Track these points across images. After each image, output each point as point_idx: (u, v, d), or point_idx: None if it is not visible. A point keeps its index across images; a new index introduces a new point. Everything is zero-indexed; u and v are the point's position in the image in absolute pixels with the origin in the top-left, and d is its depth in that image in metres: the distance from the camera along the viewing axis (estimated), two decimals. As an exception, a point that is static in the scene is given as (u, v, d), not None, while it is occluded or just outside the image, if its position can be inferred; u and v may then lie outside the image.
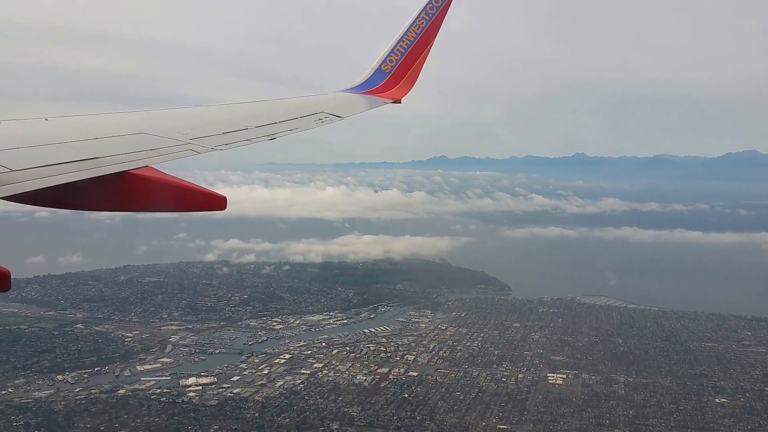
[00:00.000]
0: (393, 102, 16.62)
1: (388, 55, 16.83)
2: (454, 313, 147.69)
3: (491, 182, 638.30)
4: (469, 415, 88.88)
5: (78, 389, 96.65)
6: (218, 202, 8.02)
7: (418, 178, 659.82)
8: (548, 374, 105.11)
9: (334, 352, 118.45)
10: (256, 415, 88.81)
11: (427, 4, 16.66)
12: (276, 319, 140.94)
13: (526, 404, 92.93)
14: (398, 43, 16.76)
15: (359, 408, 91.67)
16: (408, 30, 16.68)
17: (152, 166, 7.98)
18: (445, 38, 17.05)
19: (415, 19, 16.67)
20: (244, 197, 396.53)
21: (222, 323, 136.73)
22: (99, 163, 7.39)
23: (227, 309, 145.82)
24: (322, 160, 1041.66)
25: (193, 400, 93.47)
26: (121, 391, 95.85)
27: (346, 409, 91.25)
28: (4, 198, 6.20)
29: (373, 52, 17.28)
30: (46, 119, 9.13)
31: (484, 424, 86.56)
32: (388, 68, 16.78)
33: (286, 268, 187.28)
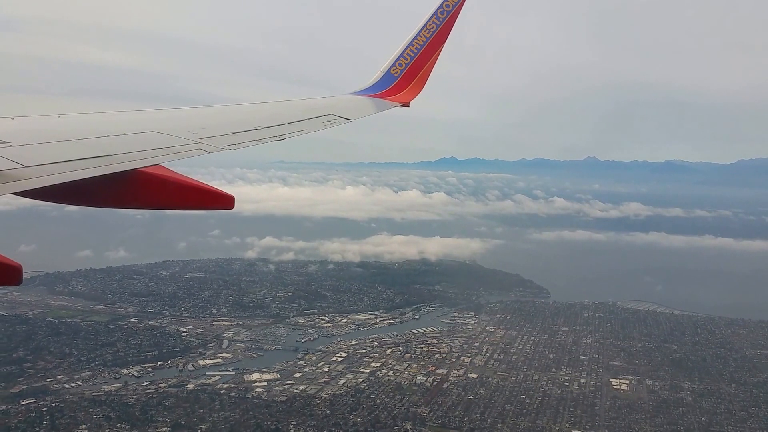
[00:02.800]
0: (401, 105, 16.68)
1: (398, 59, 16.88)
2: (498, 316, 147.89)
3: (506, 184, 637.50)
4: (541, 419, 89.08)
5: (145, 383, 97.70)
6: (226, 201, 8.04)
7: (432, 179, 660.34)
8: (610, 379, 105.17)
9: (388, 351, 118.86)
10: (328, 412, 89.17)
11: (437, 9, 16.68)
12: (323, 317, 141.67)
13: (595, 409, 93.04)
14: (408, 47, 16.82)
15: (427, 408, 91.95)
16: (418, 34, 16.74)
17: (162, 164, 8.06)
18: (456, 39, 17.18)
19: (425, 24, 16.71)
20: (266, 195, 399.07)
21: (271, 320, 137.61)
22: (110, 160, 7.47)
23: (273, 306, 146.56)
24: (332, 159, 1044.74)
25: (262, 396, 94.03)
26: (190, 386, 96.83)
27: (414, 409, 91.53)
28: (17, 193, 6.24)
29: (387, 53, 17.35)
30: (59, 116, 9.21)
31: (557, 429, 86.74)
32: (397, 72, 16.85)
33: (331, 266, 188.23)
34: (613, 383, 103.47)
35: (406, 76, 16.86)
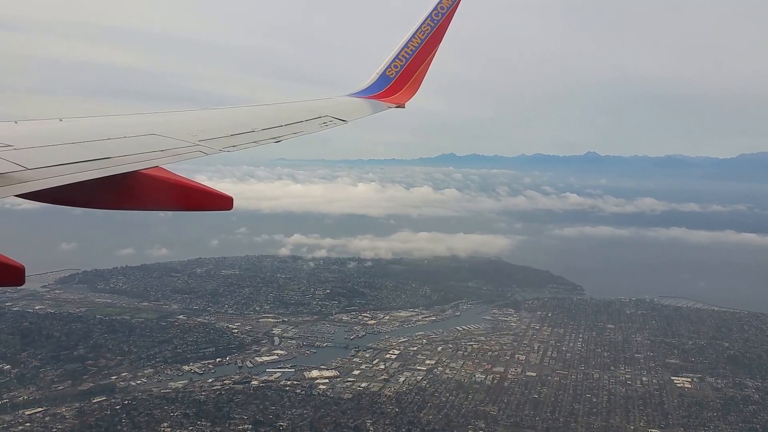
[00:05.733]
0: (396, 107, 16.88)
1: (393, 61, 17.01)
2: (538, 313, 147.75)
3: (512, 180, 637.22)
4: (613, 418, 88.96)
5: (210, 380, 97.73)
6: (225, 202, 8.26)
7: (437, 176, 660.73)
8: (672, 377, 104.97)
9: (439, 349, 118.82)
10: (397, 410, 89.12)
11: (432, 11, 16.76)
12: (365, 314, 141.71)
13: (665, 408, 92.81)
14: (403, 48, 16.92)
15: (495, 407, 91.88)
16: (413, 36, 16.82)
17: (162, 166, 8.21)
18: (452, 35, 17.17)
19: (421, 25, 16.79)
20: (280, 193, 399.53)
21: (314, 317, 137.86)
22: (111, 162, 7.60)
23: (314, 303, 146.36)
24: (331, 156, 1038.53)
25: (328, 393, 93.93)
26: (254, 383, 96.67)
27: (482, 408, 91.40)
28: (20, 195, 6.35)
29: (388, 53, 17.36)
30: (61, 120, 9.34)
31: (632, 428, 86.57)
32: (392, 73, 16.98)
33: (369, 264, 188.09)
34: (675, 381, 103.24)
35: (402, 78, 17.02)
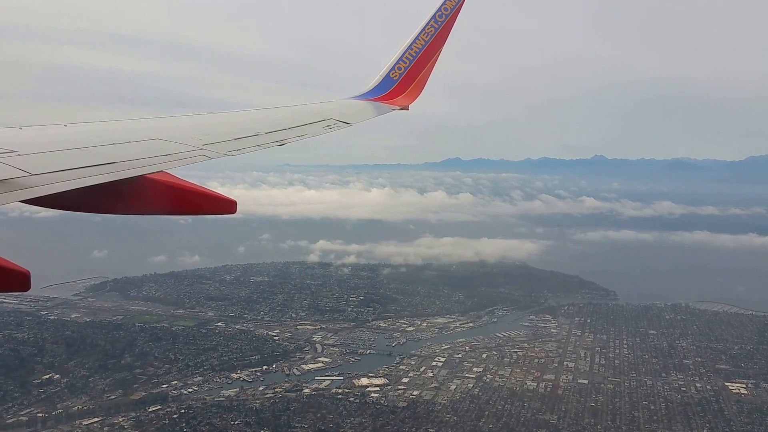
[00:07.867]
0: (400, 109, 16.69)
1: (397, 63, 16.83)
2: (576, 319, 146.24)
3: (524, 184, 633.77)
4: (676, 426, 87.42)
5: (261, 387, 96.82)
6: (229, 206, 8.29)
7: (447, 180, 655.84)
8: (725, 383, 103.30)
9: (484, 356, 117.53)
10: (455, 419, 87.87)
11: (435, 13, 16.62)
12: (403, 321, 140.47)
13: (724, 414, 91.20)
14: (407, 51, 16.76)
15: (554, 416, 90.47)
16: (417, 38, 16.65)
17: (167, 170, 8.18)
18: (456, 37, 16.91)
19: (424, 28, 16.64)
20: (296, 198, 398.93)
21: (351, 324, 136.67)
22: (116, 167, 7.59)
23: (349, 310, 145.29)
24: (335, 162, 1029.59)
25: (381, 401, 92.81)
26: (306, 390, 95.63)
27: (541, 416, 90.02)
28: (25, 201, 6.36)
29: (390, 56, 17.10)
30: (65, 125, 9.29)
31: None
32: (396, 76, 16.81)
33: (403, 270, 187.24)
34: (729, 387, 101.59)
35: (405, 80, 16.92)
